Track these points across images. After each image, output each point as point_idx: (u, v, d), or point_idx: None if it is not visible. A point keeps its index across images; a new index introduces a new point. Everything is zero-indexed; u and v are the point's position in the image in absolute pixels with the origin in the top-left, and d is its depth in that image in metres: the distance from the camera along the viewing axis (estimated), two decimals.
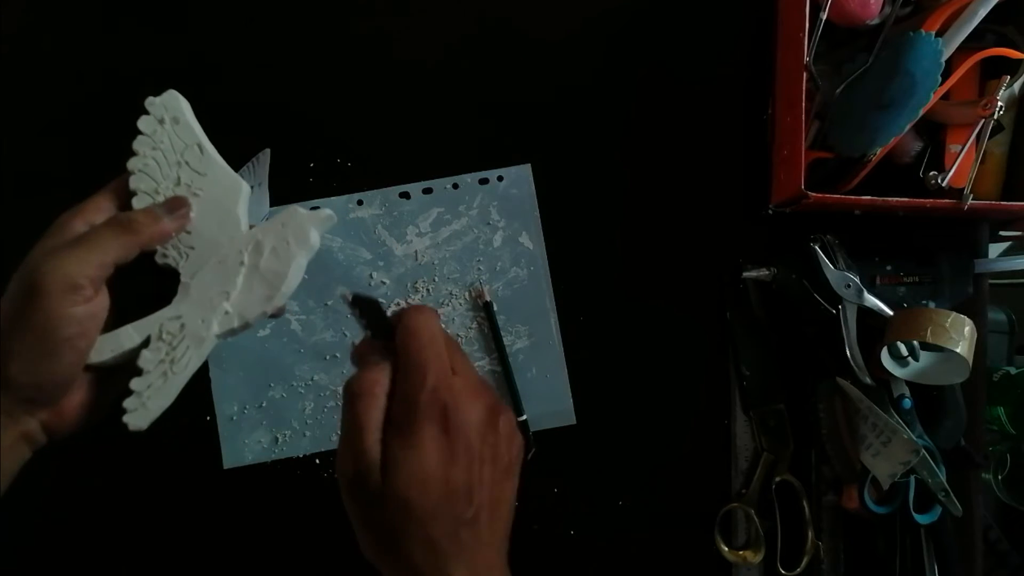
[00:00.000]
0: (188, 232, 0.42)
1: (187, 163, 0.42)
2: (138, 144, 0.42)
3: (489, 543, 0.40)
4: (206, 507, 0.62)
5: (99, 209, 0.41)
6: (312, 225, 0.42)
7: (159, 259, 0.42)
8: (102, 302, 0.38)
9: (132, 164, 0.42)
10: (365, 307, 0.39)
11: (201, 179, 0.42)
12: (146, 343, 0.40)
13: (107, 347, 0.40)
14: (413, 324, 0.39)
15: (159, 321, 0.41)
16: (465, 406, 0.38)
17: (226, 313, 0.41)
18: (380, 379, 0.38)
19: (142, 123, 0.42)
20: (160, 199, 0.41)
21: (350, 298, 0.40)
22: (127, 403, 0.41)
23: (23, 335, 0.37)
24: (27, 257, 0.38)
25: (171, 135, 0.42)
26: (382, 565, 0.38)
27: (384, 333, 0.39)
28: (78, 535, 0.62)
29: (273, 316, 0.43)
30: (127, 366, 0.40)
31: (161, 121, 0.42)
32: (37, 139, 0.64)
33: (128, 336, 0.40)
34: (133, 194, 0.41)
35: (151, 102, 0.42)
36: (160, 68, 0.64)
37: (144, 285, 0.42)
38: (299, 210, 0.42)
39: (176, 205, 0.41)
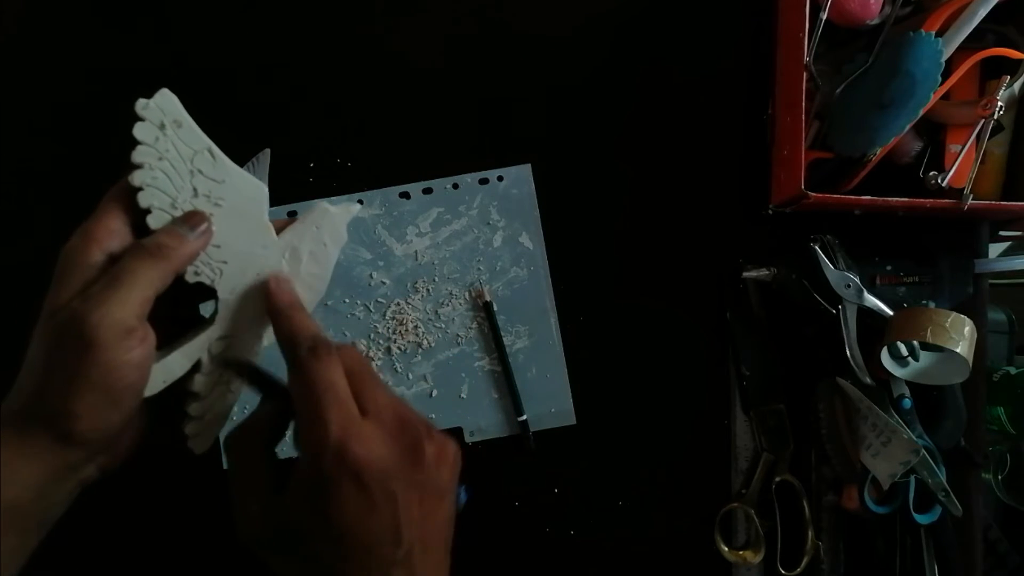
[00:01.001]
0: (218, 246, 0.39)
1: (200, 171, 0.38)
2: (139, 155, 0.37)
3: (427, 573, 0.38)
4: (206, 507, 0.62)
5: (111, 232, 0.37)
6: (344, 222, 0.41)
7: (190, 278, 0.39)
8: (152, 337, 0.36)
9: (138, 178, 0.37)
10: (250, 374, 0.40)
11: (220, 187, 0.39)
12: (195, 366, 0.39)
13: (159, 378, 0.38)
14: (307, 375, 0.36)
15: (206, 343, 0.39)
16: (378, 453, 0.35)
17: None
18: (258, 427, 0.38)
19: (139, 131, 0.37)
20: (179, 214, 0.38)
21: (244, 372, 0.40)
22: (189, 429, 0.40)
23: (84, 393, 0.34)
24: (54, 302, 0.35)
25: (176, 142, 0.38)
26: None
27: (277, 391, 0.38)
28: (78, 535, 0.62)
29: None
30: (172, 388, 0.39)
31: (161, 127, 0.37)
32: (36, 139, 0.64)
33: (178, 363, 0.39)
34: (147, 212, 0.38)
35: (144, 105, 0.37)
36: (160, 67, 0.64)
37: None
38: (329, 208, 0.41)
39: (196, 221, 0.38)
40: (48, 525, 0.38)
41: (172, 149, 0.38)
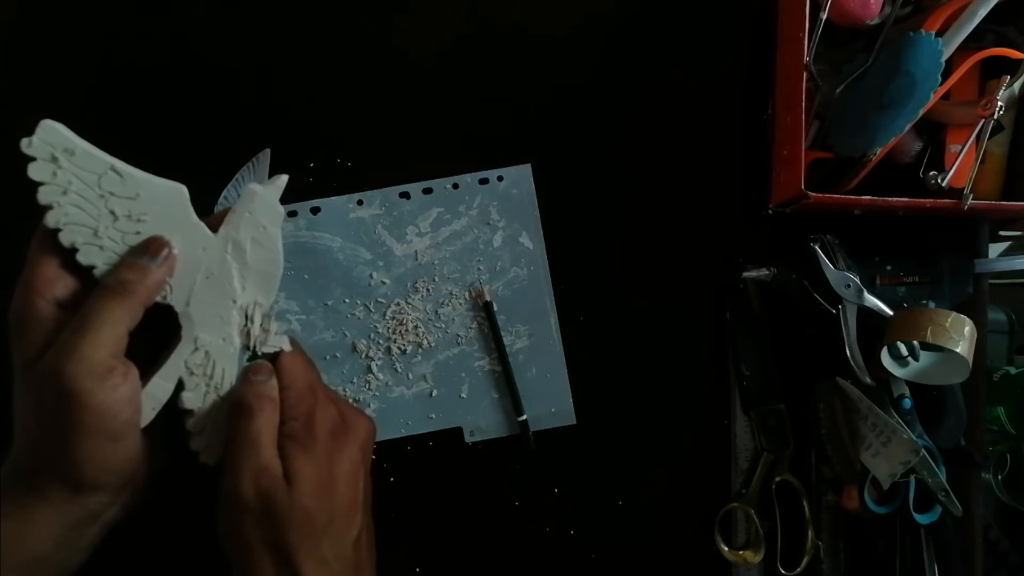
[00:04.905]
0: None
1: (111, 193, 0.37)
2: (44, 196, 0.36)
3: (371, 567, 0.39)
4: (206, 507, 0.62)
5: (49, 280, 0.36)
6: (276, 199, 0.40)
7: None
8: (133, 371, 0.36)
9: (52, 220, 0.36)
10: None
11: (136, 203, 0.37)
12: (179, 385, 0.39)
13: (147, 407, 0.38)
14: (294, 349, 0.40)
15: (180, 360, 0.39)
16: (356, 422, 0.39)
17: (241, 319, 0.40)
18: (271, 394, 0.38)
19: (34, 171, 0.36)
20: (106, 242, 0.37)
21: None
22: (194, 445, 0.40)
23: (82, 441, 0.35)
24: (23, 360, 0.35)
25: (75, 171, 0.36)
26: None
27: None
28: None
29: None
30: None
31: (54, 160, 0.36)
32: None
33: (161, 388, 0.39)
34: (73, 250, 0.37)
35: (28, 144, 0.36)
36: (159, 67, 0.64)
37: None
38: (258, 189, 0.39)
39: (156, 248, 0.37)
40: (72, 571, 0.38)
41: (74, 180, 0.36)
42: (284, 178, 0.40)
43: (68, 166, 0.36)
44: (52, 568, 0.37)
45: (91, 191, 0.36)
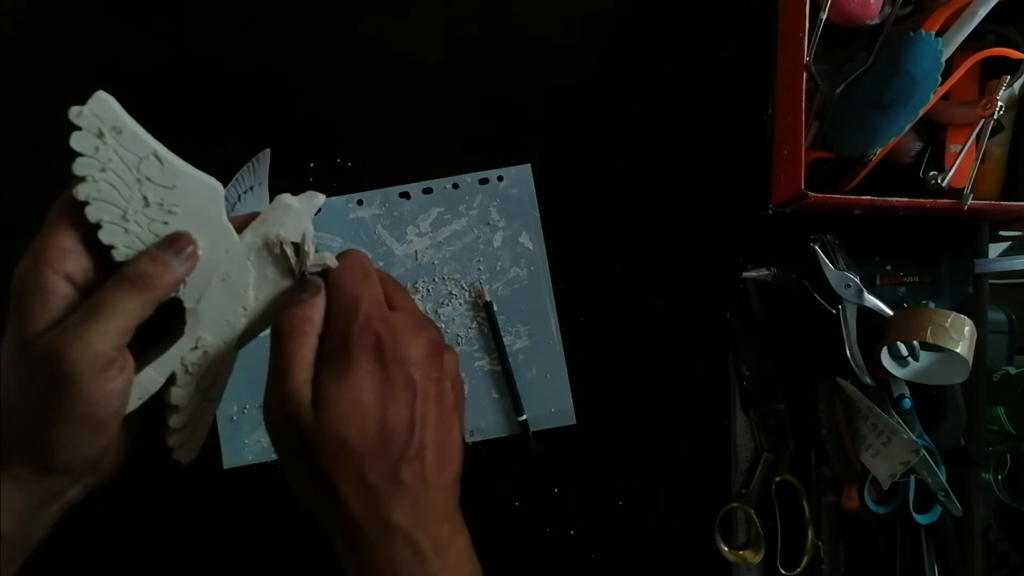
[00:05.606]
0: None
1: (148, 179, 0.36)
2: (80, 167, 0.35)
3: (436, 485, 0.37)
4: (206, 507, 0.62)
5: (63, 252, 0.35)
6: (310, 216, 0.39)
7: None
8: (131, 362, 0.35)
9: (82, 192, 0.35)
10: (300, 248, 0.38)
11: (171, 193, 0.36)
12: (170, 379, 0.38)
13: (134, 396, 0.37)
14: (345, 260, 0.37)
15: (178, 355, 0.38)
16: (404, 338, 0.36)
17: (246, 328, 0.39)
18: (311, 316, 0.36)
19: (76, 141, 0.34)
20: (132, 226, 0.36)
21: (286, 242, 0.38)
22: (171, 441, 0.40)
23: (64, 426, 0.34)
24: (22, 332, 0.34)
25: (118, 150, 0.35)
26: (316, 510, 0.36)
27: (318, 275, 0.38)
28: (77, 535, 0.62)
29: None
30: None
31: (100, 135, 0.35)
32: (35, 135, 0.64)
33: (151, 379, 0.38)
34: (97, 226, 0.36)
35: (78, 113, 0.34)
36: (159, 67, 0.64)
37: None
38: (292, 204, 0.39)
39: (181, 244, 0.37)
40: (31, 547, 0.38)
41: (115, 158, 0.35)
42: (321, 197, 0.40)
43: (112, 143, 0.35)
44: (15, 545, 0.36)
45: (129, 173, 0.35)
